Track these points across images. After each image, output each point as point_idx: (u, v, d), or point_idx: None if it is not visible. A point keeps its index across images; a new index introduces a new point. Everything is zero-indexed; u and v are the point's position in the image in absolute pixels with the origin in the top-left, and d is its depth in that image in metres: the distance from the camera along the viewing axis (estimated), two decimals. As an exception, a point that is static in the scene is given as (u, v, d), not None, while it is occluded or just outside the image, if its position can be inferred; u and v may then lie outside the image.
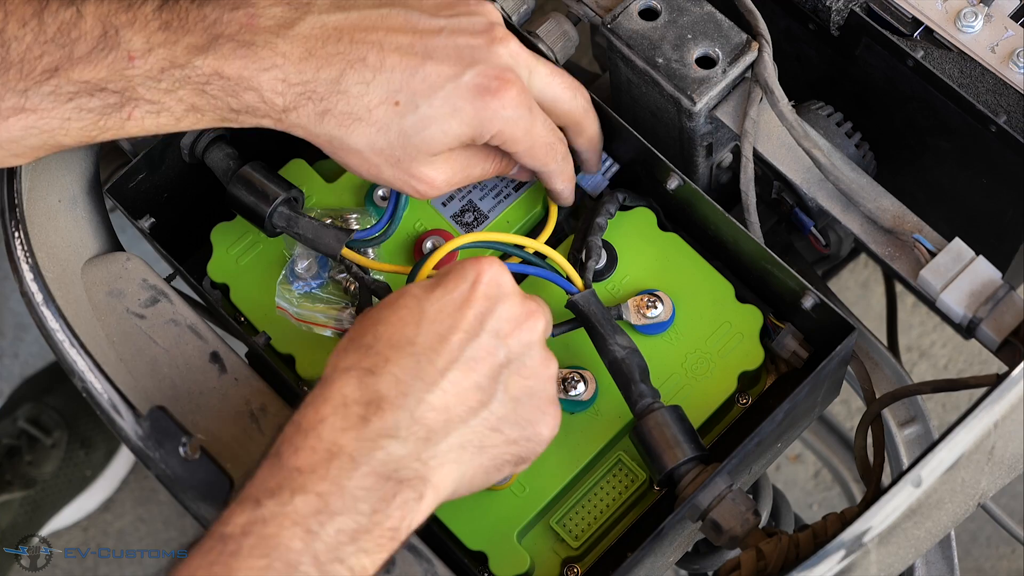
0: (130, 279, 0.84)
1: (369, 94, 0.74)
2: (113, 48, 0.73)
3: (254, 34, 0.74)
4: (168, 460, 0.72)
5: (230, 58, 0.73)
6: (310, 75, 0.74)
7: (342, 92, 0.74)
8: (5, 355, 1.81)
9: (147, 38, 0.73)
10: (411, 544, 0.76)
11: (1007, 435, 0.72)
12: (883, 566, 0.72)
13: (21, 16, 0.72)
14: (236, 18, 0.74)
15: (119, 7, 0.73)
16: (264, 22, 0.74)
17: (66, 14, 0.73)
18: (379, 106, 0.74)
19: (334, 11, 0.75)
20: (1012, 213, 0.90)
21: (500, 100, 0.75)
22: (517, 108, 0.76)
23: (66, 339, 0.79)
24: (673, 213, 0.86)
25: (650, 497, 0.81)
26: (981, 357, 1.71)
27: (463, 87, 0.74)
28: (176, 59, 0.73)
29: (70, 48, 0.73)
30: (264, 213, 0.82)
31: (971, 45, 0.85)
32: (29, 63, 0.73)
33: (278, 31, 0.74)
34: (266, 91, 0.74)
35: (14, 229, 0.83)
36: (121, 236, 0.90)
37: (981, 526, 1.63)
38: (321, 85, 0.74)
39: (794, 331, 0.82)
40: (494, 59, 0.75)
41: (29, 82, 0.73)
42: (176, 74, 0.73)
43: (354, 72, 0.74)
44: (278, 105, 0.74)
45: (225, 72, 0.73)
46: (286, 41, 0.74)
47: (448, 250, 0.81)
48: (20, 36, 0.72)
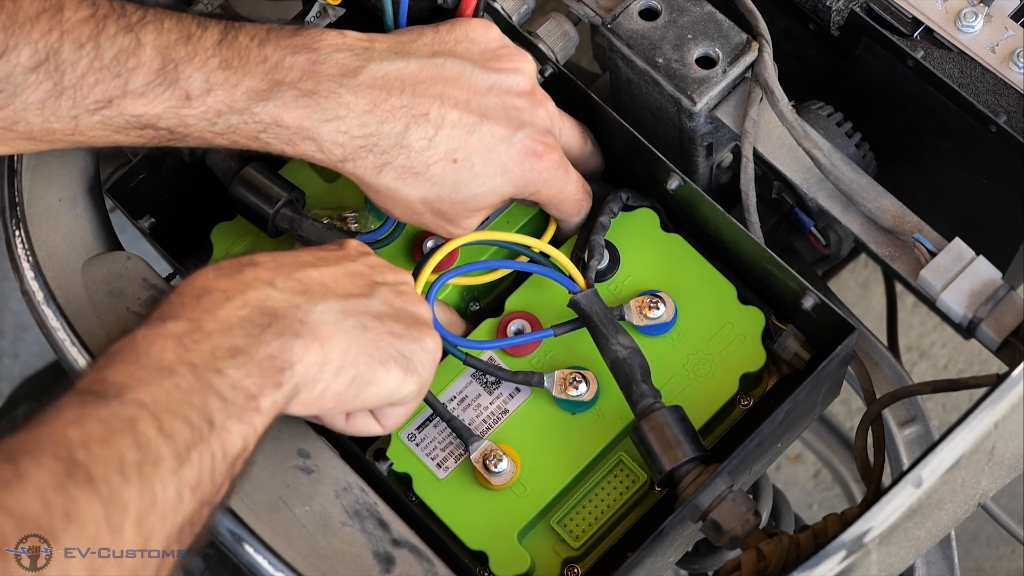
0: (130, 278, 0.84)
1: (430, 150, 0.75)
2: (171, 84, 0.71)
3: (317, 82, 0.73)
4: (168, 460, 0.72)
5: (291, 107, 0.72)
6: (373, 128, 0.74)
7: (404, 147, 0.74)
8: (5, 355, 1.81)
9: (207, 77, 0.71)
10: (411, 544, 0.76)
11: (1007, 435, 0.72)
12: (884, 566, 0.72)
13: (77, 38, 0.70)
14: (298, 63, 0.73)
15: (179, 39, 0.71)
16: (327, 69, 0.73)
17: (125, 40, 0.70)
18: (438, 162, 0.75)
19: (395, 59, 0.75)
20: (1012, 213, 0.90)
21: (544, 163, 0.78)
22: (557, 170, 0.79)
23: (67, 338, 0.79)
24: (673, 213, 0.86)
25: (651, 497, 0.81)
26: (981, 357, 1.71)
27: (514, 149, 0.77)
28: (235, 104, 0.72)
29: (126, 78, 0.71)
30: (267, 215, 0.82)
31: (971, 45, 0.85)
32: (83, 90, 0.70)
33: (341, 80, 0.73)
34: (326, 142, 0.73)
35: (15, 228, 0.83)
36: (121, 236, 0.90)
37: (981, 526, 1.63)
38: (384, 139, 0.74)
39: (796, 333, 0.82)
40: (538, 122, 0.78)
41: (80, 109, 0.71)
42: (233, 120, 0.72)
43: (418, 128, 0.74)
44: (336, 156, 0.74)
45: (285, 121, 0.72)
46: (349, 91, 0.73)
47: (449, 249, 0.81)
48: (75, 61, 0.70)
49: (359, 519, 0.77)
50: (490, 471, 0.79)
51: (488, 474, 0.80)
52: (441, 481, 0.81)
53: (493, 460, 0.80)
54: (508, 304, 0.85)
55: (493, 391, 0.83)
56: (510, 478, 0.80)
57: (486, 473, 0.80)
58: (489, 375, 0.83)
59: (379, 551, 0.76)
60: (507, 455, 0.80)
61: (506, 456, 0.80)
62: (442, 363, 0.84)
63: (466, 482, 0.81)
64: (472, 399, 0.83)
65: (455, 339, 0.82)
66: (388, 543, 0.76)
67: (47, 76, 0.70)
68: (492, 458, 0.80)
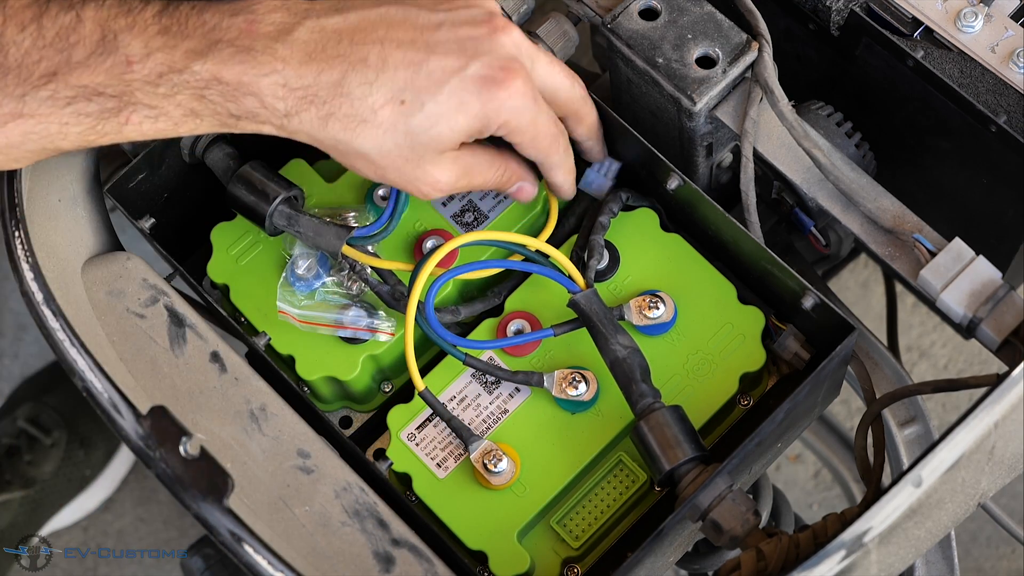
0: (130, 278, 0.84)
1: (373, 95, 0.73)
2: (111, 52, 0.73)
3: (253, 39, 0.73)
4: (168, 459, 0.72)
5: (229, 63, 0.73)
6: (311, 79, 0.73)
7: (345, 95, 0.73)
8: (5, 355, 1.81)
9: (146, 43, 0.73)
10: (411, 544, 0.76)
11: (1007, 435, 0.72)
12: (883, 566, 0.72)
13: (20, 20, 0.72)
14: (235, 24, 0.73)
15: (119, 12, 0.73)
16: (264, 28, 0.74)
17: (65, 18, 0.73)
18: (384, 106, 0.73)
19: (332, 14, 0.74)
20: (1012, 213, 0.90)
21: (507, 90, 0.74)
22: (523, 98, 0.75)
23: (66, 338, 0.79)
24: (673, 213, 0.86)
25: (651, 497, 0.81)
26: (981, 357, 1.71)
27: (468, 80, 0.73)
28: (175, 64, 0.73)
29: (68, 52, 0.72)
30: (265, 212, 0.82)
31: (971, 45, 0.85)
32: (27, 68, 0.72)
33: (277, 36, 0.73)
34: (266, 96, 0.73)
35: (14, 228, 0.83)
36: (121, 236, 0.90)
37: (981, 526, 1.63)
38: (323, 89, 0.73)
39: (796, 332, 0.82)
40: (498, 49, 0.75)
41: (27, 87, 0.73)
42: (174, 79, 0.73)
43: (356, 73, 0.73)
44: (279, 110, 0.74)
45: (224, 77, 0.73)
46: (285, 46, 0.73)
47: (448, 249, 0.81)
48: (19, 41, 0.72)
49: (359, 519, 0.77)
50: (490, 471, 0.80)
51: (488, 474, 0.80)
52: (441, 481, 0.81)
53: (493, 460, 0.80)
54: (508, 304, 0.85)
55: (493, 391, 0.83)
56: (510, 478, 0.80)
57: (486, 473, 0.80)
58: (489, 375, 0.83)
59: (379, 551, 0.76)
60: (507, 455, 0.80)
61: (506, 456, 0.80)
62: (442, 363, 0.84)
63: (466, 482, 0.81)
64: (472, 399, 0.83)
65: (455, 339, 0.82)
66: (388, 543, 0.76)
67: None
68: (492, 458, 0.80)
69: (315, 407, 0.83)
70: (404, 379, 0.88)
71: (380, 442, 0.86)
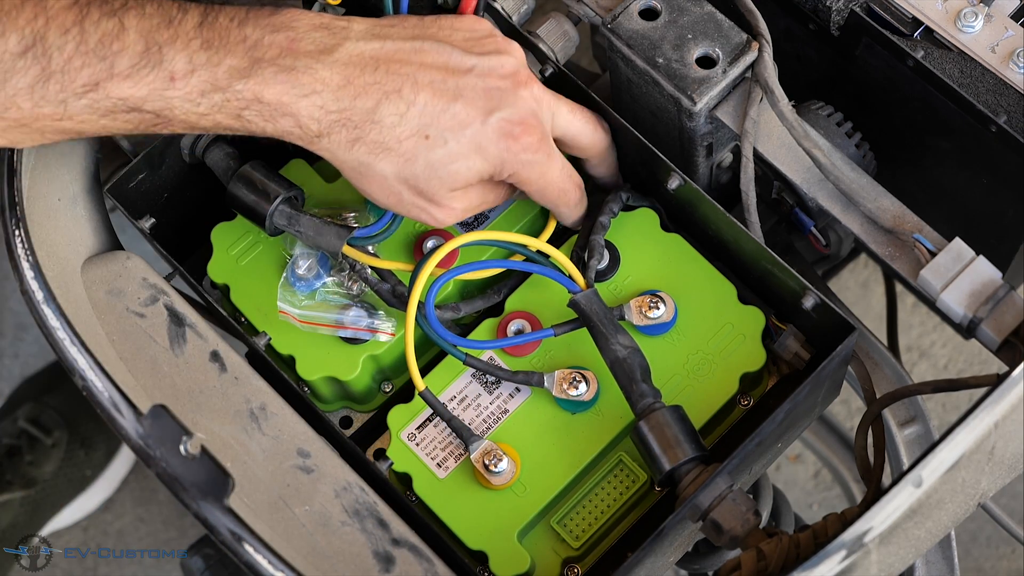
0: (130, 278, 0.84)
1: (402, 125, 0.75)
2: (155, 66, 0.73)
3: (295, 58, 0.74)
4: (168, 459, 0.72)
5: (271, 83, 0.74)
6: (347, 103, 0.75)
7: (376, 122, 0.75)
8: (5, 355, 1.81)
9: (189, 58, 0.73)
10: (411, 543, 0.76)
11: (1007, 435, 0.72)
12: (884, 566, 0.72)
13: (62, 23, 0.72)
14: (277, 41, 0.74)
15: (161, 23, 0.73)
16: (305, 46, 0.75)
17: (108, 24, 0.72)
18: (409, 138, 0.76)
19: (371, 39, 0.76)
20: (1012, 213, 0.90)
21: (520, 144, 0.77)
22: (536, 153, 0.78)
23: (66, 337, 0.79)
24: (674, 213, 0.86)
25: (651, 498, 0.81)
26: (981, 357, 1.71)
27: (489, 128, 0.76)
28: (217, 82, 0.73)
29: (111, 61, 0.72)
30: (265, 211, 0.82)
31: (971, 45, 0.85)
32: (70, 74, 0.72)
33: (318, 57, 0.74)
34: (303, 117, 0.74)
35: (14, 227, 0.83)
36: (121, 236, 0.90)
37: (981, 526, 1.63)
38: (357, 114, 0.75)
39: (796, 332, 0.82)
40: (519, 104, 0.77)
41: (68, 93, 0.73)
42: (215, 98, 0.74)
43: (390, 103, 0.75)
44: (312, 131, 0.75)
45: (265, 97, 0.74)
46: (325, 67, 0.74)
47: (449, 249, 0.81)
48: (61, 45, 0.72)
49: (359, 518, 0.77)
50: (490, 471, 0.80)
51: (488, 474, 0.80)
52: (441, 481, 0.81)
53: (493, 460, 0.80)
54: (508, 304, 0.85)
55: (493, 391, 0.83)
56: (510, 478, 0.80)
57: (486, 473, 0.80)
58: (489, 375, 0.83)
59: (379, 550, 0.76)
60: (507, 455, 0.80)
61: (506, 456, 0.80)
62: (442, 363, 0.84)
63: (466, 482, 0.81)
64: (472, 399, 0.83)
65: (455, 339, 0.82)
66: (388, 543, 0.76)
67: (35, 61, 0.71)
68: (492, 458, 0.80)
69: (315, 407, 0.83)
70: (404, 379, 0.88)
71: (380, 442, 0.86)
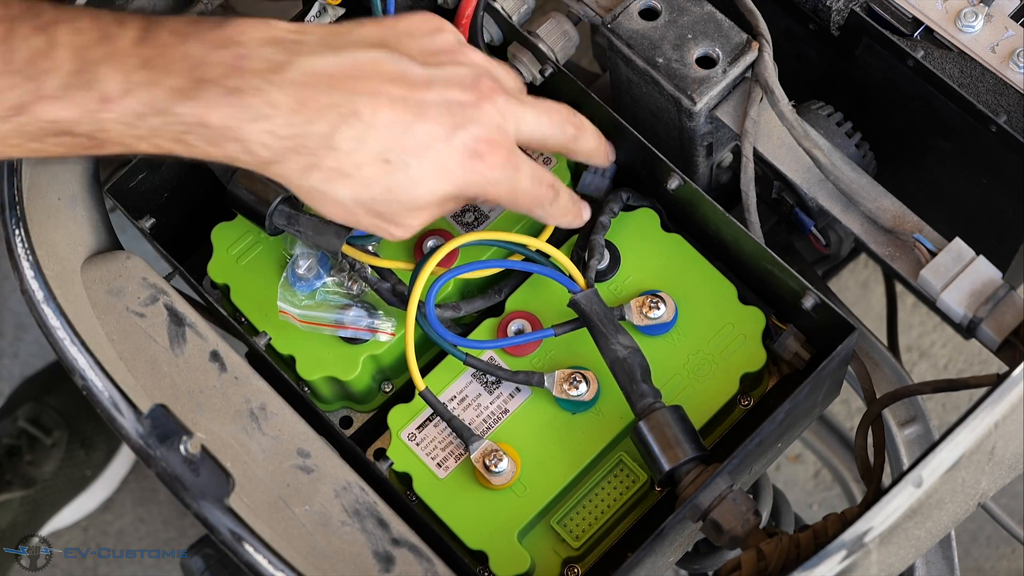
0: (130, 277, 0.84)
1: (361, 151, 0.70)
2: (86, 87, 0.67)
3: (242, 77, 0.68)
4: (169, 458, 0.72)
5: (215, 106, 0.67)
6: (300, 128, 0.69)
7: (333, 148, 0.69)
8: (5, 355, 1.81)
9: (125, 77, 0.67)
10: (411, 543, 0.76)
11: (1007, 435, 0.72)
12: (884, 566, 0.72)
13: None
14: (223, 59, 0.68)
15: (95, 39, 0.67)
16: (253, 64, 0.69)
17: (37, 41, 0.67)
18: (369, 164, 0.70)
19: (325, 52, 0.70)
20: (1012, 213, 0.90)
21: (486, 163, 0.73)
22: (503, 170, 0.74)
23: (66, 337, 0.79)
24: (674, 213, 0.86)
25: (651, 498, 0.81)
26: (981, 357, 1.71)
27: (453, 149, 0.72)
28: (156, 104, 0.67)
29: (39, 82, 0.67)
30: (265, 211, 0.82)
31: (971, 45, 0.85)
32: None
33: (268, 76, 0.69)
34: (252, 143, 0.69)
35: (14, 227, 0.83)
36: (121, 236, 0.90)
37: (981, 526, 1.63)
38: (311, 140, 0.69)
39: (796, 333, 0.82)
40: (484, 119, 0.72)
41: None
42: (154, 122, 0.68)
43: (347, 127, 0.69)
44: (262, 157, 0.70)
45: (209, 121, 0.68)
46: (276, 88, 0.68)
47: (449, 249, 0.81)
48: None
49: (359, 518, 0.77)
50: (490, 471, 0.80)
51: (488, 474, 0.80)
52: (441, 481, 0.81)
53: (493, 460, 0.80)
54: (508, 304, 0.85)
55: (493, 391, 0.83)
56: (510, 478, 0.80)
57: (486, 473, 0.80)
58: (489, 375, 0.83)
59: (379, 550, 0.76)
60: (507, 455, 0.80)
61: (506, 456, 0.80)
62: (442, 363, 0.84)
63: (466, 482, 0.81)
64: (472, 399, 0.83)
65: (455, 339, 0.82)
66: (388, 542, 0.76)
67: None
68: (492, 458, 0.80)
69: (315, 407, 0.83)
70: (404, 379, 0.88)
71: (380, 442, 0.86)
